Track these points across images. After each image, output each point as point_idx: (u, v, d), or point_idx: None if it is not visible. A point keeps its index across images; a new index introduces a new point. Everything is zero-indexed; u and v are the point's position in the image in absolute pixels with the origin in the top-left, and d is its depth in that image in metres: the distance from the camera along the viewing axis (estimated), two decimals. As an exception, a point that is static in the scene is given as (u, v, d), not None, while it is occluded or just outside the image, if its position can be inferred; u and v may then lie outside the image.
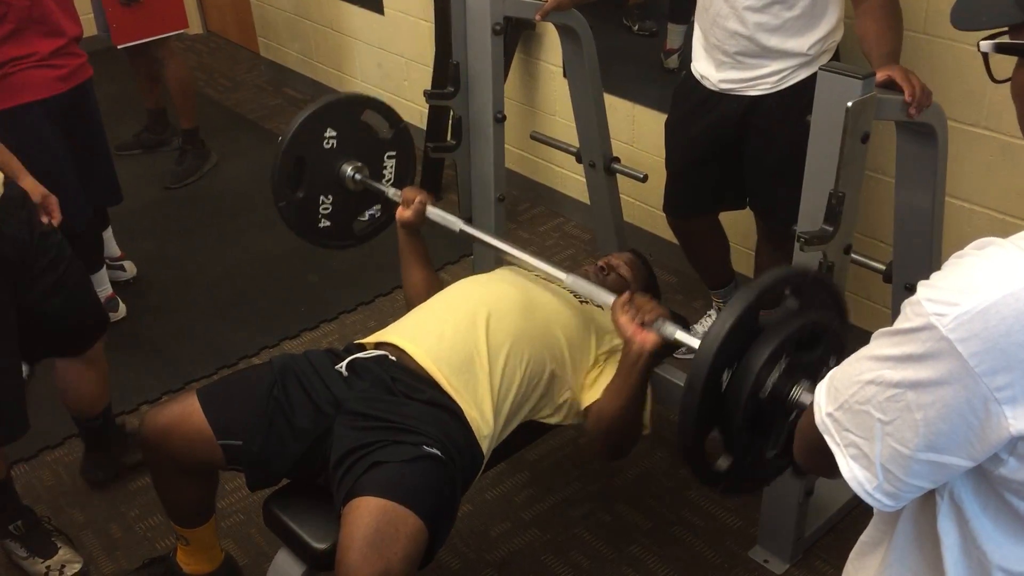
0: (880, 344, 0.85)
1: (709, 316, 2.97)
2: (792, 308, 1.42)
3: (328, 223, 2.43)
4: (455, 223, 2.24)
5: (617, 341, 2.03)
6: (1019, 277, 0.76)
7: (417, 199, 2.22)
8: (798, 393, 1.33)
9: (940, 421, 0.80)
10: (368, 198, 2.48)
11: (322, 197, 2.39)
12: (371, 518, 1.60)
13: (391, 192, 2.37)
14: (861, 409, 0.85)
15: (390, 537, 1.58)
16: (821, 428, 0.89)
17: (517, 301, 2.00)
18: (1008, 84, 0.93)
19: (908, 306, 0.82)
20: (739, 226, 2.92)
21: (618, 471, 2.56)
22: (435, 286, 2.25)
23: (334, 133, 2.34)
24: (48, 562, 2.27)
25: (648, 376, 1.84)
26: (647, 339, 1.76)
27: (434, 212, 2.25)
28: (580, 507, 2.46)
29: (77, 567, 2.28)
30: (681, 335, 1.74)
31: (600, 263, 2.30)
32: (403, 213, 2.23)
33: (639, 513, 2.43)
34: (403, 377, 1.87)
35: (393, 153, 2.48)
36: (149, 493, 2.54)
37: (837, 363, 1.40)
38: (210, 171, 4.15)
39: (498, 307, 1.97)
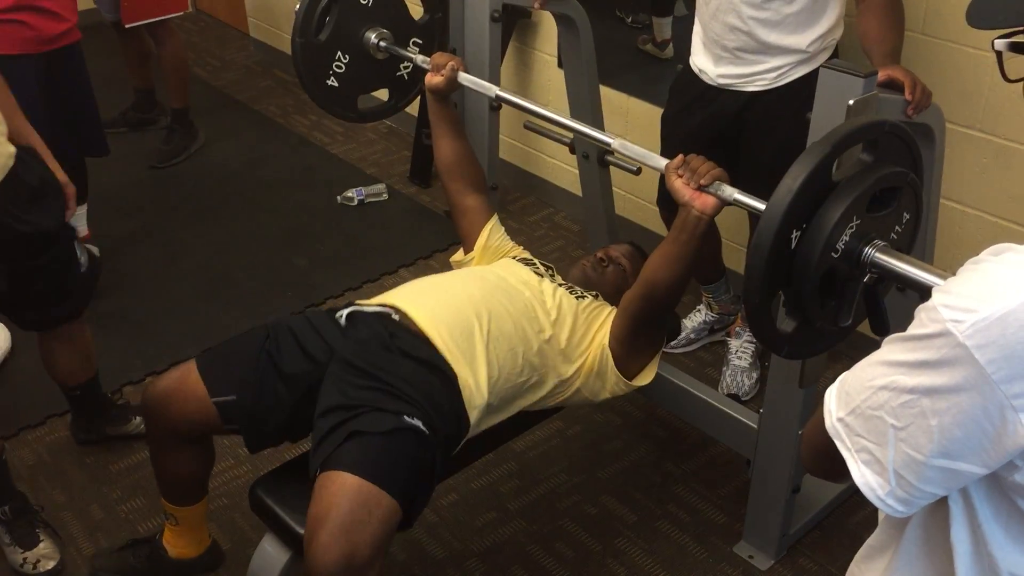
0: (893, 349, 0.84)
1: (699, 311, 2.97)
2: (866, 162, 1.34)
3: (336, 83, 2.37)
4: (490, 89, 2.19)
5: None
6: None
7: (449, 64, 2.19)
8: (872, 253, 1.28)
9: (955, 428, 0.79)
10: (382, 77, 2.41)
11: (339, 53, 2.33)
12: (345, 499, 1.58)
13: (420, 59, 2.31)
14: (874, 414, 0.84)
15: (362, 522, 1.57)
16: (832, 433, 0.89)
17: (518, 299, 1.98)
18: (1015, 87, 0.92)
19: (923, 312, 0.82)
20: (730, 222, 2.92)
21: (605, 464, 2.56)
22: (467, 157, 2.26)
23: None
24: (26, 554, 2.23)
25: (704, 242, 1.78)
26: (707, 203, 1.71)
27: (467, 78, 2.20)
28: (566, 499, 2.46)
29: (52, 564, 2.23)
30: (742, 196, 1.66)
31: (599, 254, 2.29)
32: (433, 79, 2.20)
33: (625, 506, 2.43)
34: (401, 333, 1.86)
35: (420, 41, 2.43)
36: (132, 475, 2.52)
37: (912, 219, 1.36)
38: (197, 151, 4.11)
39: (501, 300, 1.95)
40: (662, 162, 1.80)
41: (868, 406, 0.85)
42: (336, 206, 3.72)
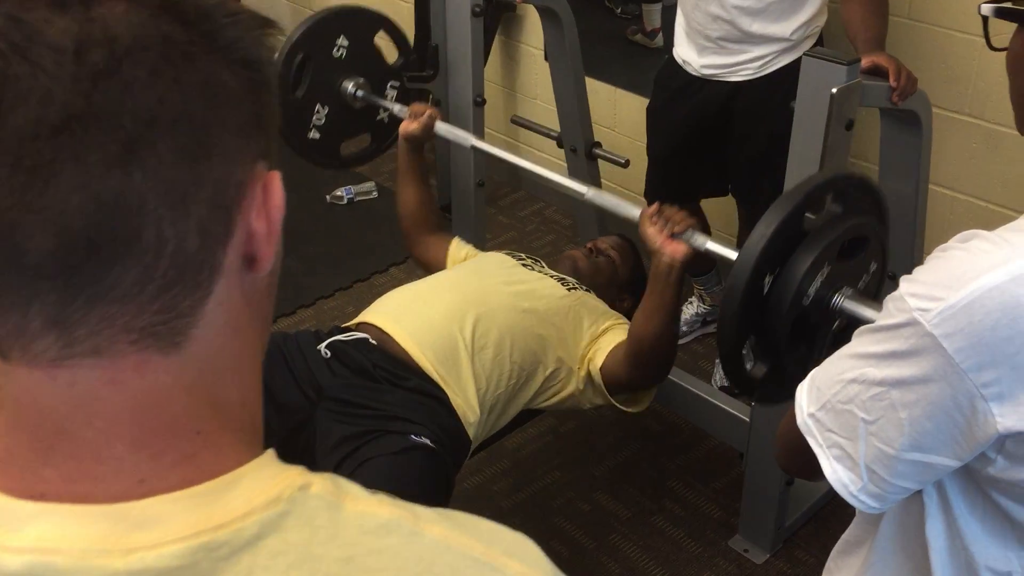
0: (862, 341, 0.83)
1: (691, 303, 2.95)
2: (835, 212, 1.37)
3: (317, 135, 2.37)
4: (466, 139, 2.20)
5: (610, 321, 2.01)
6: (1005, 270, 0.73)
7: (427, 112, 2.19)
8: (840, 300, 1.30)
9: (925, 419, 0.77)
10: (362, 123, 2.42)
11: (318, 106, 2.33)
12: None
13: (396, 108, 2.32)
14: (844, 409, 0.82)
15: None
16: (803, 429, 0.87)
17: (503, 292, 1.96)
18: (1003, 71, 0.90)
19: (891, 301, 0.80)
20: (720, 213, 2.90)
21: (598, 460, 2.54)
22: (430, 203, 2.26)
23: (347, 43, 2.28)
24: None
25: (681, 289, 1.78)
26: (677, 250, 1.71)
27: (444, 127, 2.20)
28: (559, 496, 2.44)
29: None
30: (713, 245, 1.68)
31: (588, 245, 2.28)
32: (409, 126, 2.20)
33: (619, 502, 2.42)
34: (384, 363, 1.83)
35: (396, 83, 2.43)
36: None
37: (879, 269, 1.39)
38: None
39: (485, 301, 1.93)
40: (635, 211, 1.81)
41: (838, 400, 0.83)
42: (326, 205, 3.70)
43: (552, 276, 2.07)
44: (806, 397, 0.88)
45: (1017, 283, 0.73)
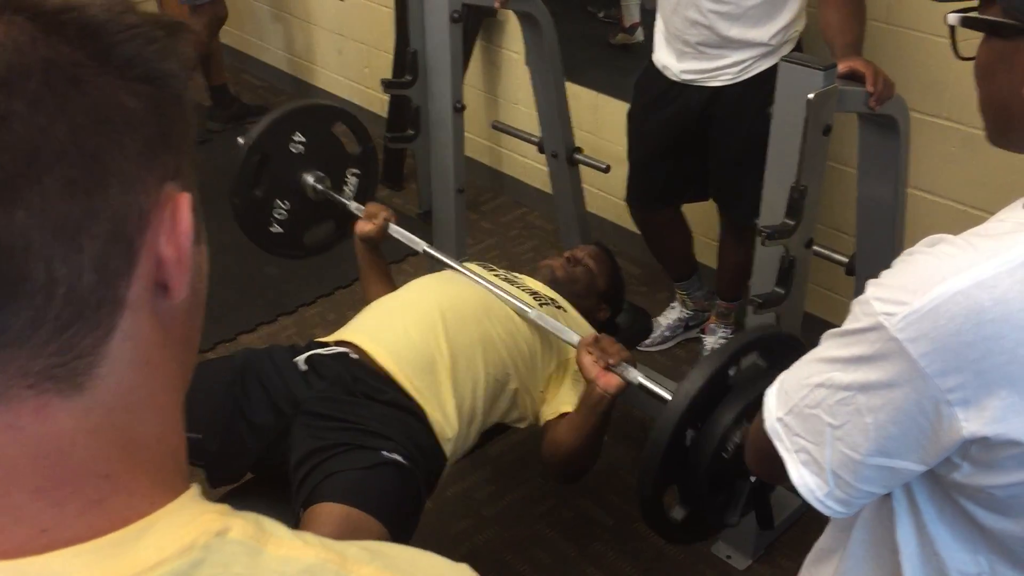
0: (829, 346, 0.82)
1: (672, 307, 2.95)
2: (761, 367, 1.45)
3: (280, 229, 2.38)
4: (419, 244, 2.20)
5: (571, 372, 1.99)
6: (969, 275, 0.73)
7: (382, 215, 2.19)
8: None
9: (891, 424, 0.77)
10: (323, 212, 2.42)
11: (278, 201, 2.34)
12: (332, 525, 1.54)
13: (353, 206, 2.32)
14: (811, 413, 0.82)
15: None
16: (771, 433, 0.86)
17: (476, 304, 1.95)
18: (971, 67, 0.90)
19: (857, 305, 0.79)
20: (702, 217, 2.90)
21: (580, 466, 2.53)
22: None
23: (303, 139, 2.29)
24: None
25: (609, 418, 1.80)
26: (611, 383, 1.72)
27: (397, 231, 2.21)
28: (542, 503, 2.43)
29: None
30: (645, 382, 1.70)
31: (566, 255, 2.28)
32: (364, 227, 2.19)
33: (601, 509, 2.41)
34: (364, 377, 1.82)
35: (357, 171, 2.44)
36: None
37: None
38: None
39: (458, 310, 1.92)
40: (575, 338, 1.83)
41: (805, 404, 0.82)
42: (307, 212, 3.68)
43: (524, 290, 2.06)
44: (775, 401, 0.87)
45: (981, 288, 0.72)
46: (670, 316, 2.94)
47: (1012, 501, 0.78)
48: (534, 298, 2.04)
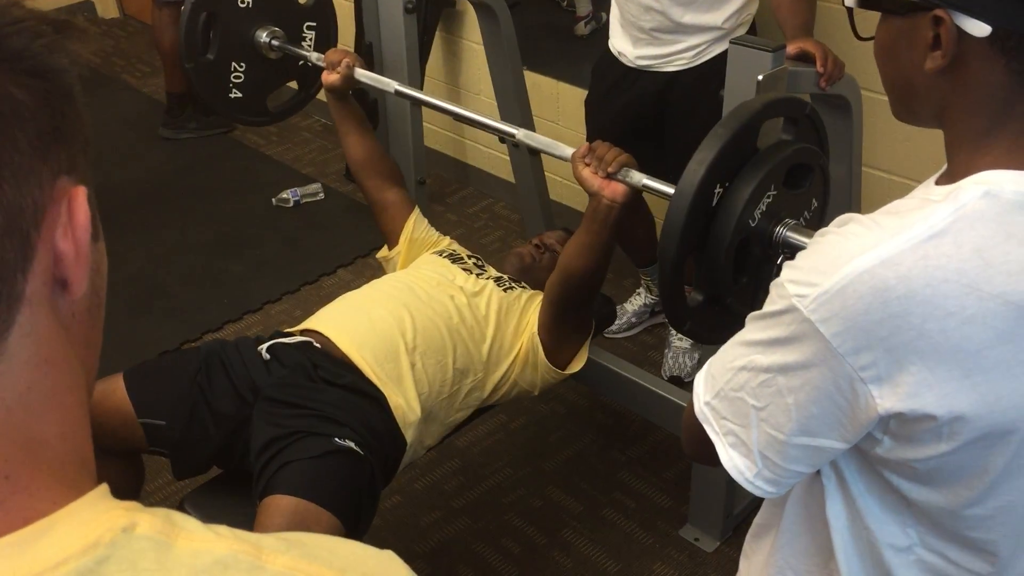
0: (751, 329, 0.83)
1: (639, 294, 2.95)
2: (786, 139, 1.36)
3: (240, 94, 2.29)
4: (389, 84, 2.12)
5: (538, 297, 2.01)
6: (876, 254, 0.74)
7: (344, 61, 2.10)
8: (783, 231, 1.30)
9: (811, 404, 0.78)
10: (284, 72, 2.34)
11: (234, 64, 2.26)
12: (282, 518, 1.54)
13: (314, 57, 2.22)
14: (736, 396, 0.83)
15: None
16: (700, 418, 0.87)
17: (446, 297, 1.95)
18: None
19: (774, 288, 0.81)
20: (664, 203, 2.90)
21: (549, 455, 2.54)
22: (377, 151, 2.19)
23: None
24: None
25: (618, 229, 1.74)
26: (616, 190, 1.67)
27: (364, 74, 2.12)
28: (511, 493, 2.43)
29: None
30: (651, 182, 1.63)
31: (535, 241, 2.28)
32: (329, 77, 2.11)
33: (570, 497, 2.41)
34: (325, 363, 1.82)
35: (313, 24, 2.33)
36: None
37: (819, 208, 1.39)
38: (126, 159, 4.02)
39: (427, 304, 1.92)
40: (567, 151, 1.76)
41: (731, 388, 0.84)
42: (272, 209, 3.65)
43: (491, 279, 2.06)
44: (703, 385, 0.88)
45: (886, 266, 0.73)
46: (635, 302, 2.94)
47: (934, 473, 0.79)
48: (499, 283, 2.04)
